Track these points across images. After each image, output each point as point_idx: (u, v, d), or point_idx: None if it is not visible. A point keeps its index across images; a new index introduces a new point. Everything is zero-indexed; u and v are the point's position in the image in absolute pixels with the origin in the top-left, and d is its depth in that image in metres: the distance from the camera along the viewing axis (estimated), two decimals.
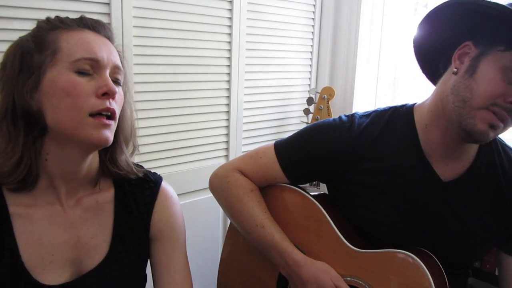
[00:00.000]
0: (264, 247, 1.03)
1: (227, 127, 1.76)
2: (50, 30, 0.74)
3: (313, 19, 2.02)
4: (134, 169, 0.86)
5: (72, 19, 0.77)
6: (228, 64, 1.69)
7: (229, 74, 1.70)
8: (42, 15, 1.18)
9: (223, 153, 1.78)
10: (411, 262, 0.90)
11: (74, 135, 0.71)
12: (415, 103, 1.03)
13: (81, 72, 0.71)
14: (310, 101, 1.95)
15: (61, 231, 0.77)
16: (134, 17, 1.37)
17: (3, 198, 0.74)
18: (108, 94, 0.72)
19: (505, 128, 0.86)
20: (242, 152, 1.84)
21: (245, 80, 1.77)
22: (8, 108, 0.71)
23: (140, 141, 0.90)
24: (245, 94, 1.78)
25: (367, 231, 1.02)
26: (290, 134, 2.01)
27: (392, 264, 0.92)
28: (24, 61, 0.71)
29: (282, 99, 1.97)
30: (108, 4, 1.31)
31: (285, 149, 1.08)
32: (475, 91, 0.85)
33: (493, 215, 0.96)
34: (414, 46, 1.01)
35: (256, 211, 1.05)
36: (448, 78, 0.93)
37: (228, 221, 1.85)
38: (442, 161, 0.96)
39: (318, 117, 1.91)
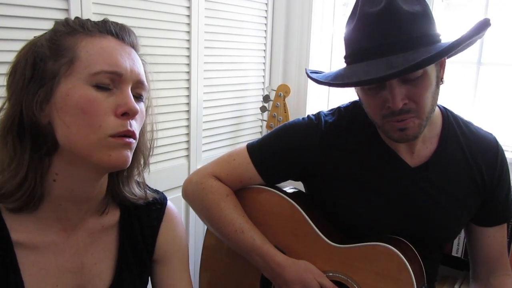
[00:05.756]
0: (245, 252, 1.03)
1: (188, 126, 1.72)
2: (67, 34, 0.65)
3: (265, 17, 2.04)
4: (146, 194, 0.80)
5: (94, 22, 0.68)
6: (187, 62, 1.66)
7: (188, 73, 1.67)
8: None
9: (184, 153, 1.74)
10: (389, 252, 0.94)
11: (89, 157, 0.63)
12: None
13: (99, 87, 0.63)
14: (266, 98, 1.97)
15: (65, 259, 0.71)
16: (94, 13, 1.30)
17: (4, 224, 0.66)
18: (129, 114, 0.65)
19: (413, 119, 0.89)
20: (203, 151, 1.82)
21: (204, 79, 1.75)
22: (15, 120, 0.63)
23: None
24: (204, 93, 1.76)
25: (345, 224, 1.05)
26: (248, 132, 2.04)
27: (371, 256, 0.96)
28: (36, 68, 0.63)
29: (239, 97, 1.97)
30: None
31: (258, 149, 1.09)
32: (370, 115, 0.96)
33: (465, 191, 1.02)
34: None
35: (234, 216, 1.04)
36: None
37: (191, 225, 1.83)
38: (406, 148, 1.01)
39: (275, 114, 1.94)
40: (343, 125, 1.05)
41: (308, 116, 1.10)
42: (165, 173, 1.66)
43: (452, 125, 1.03)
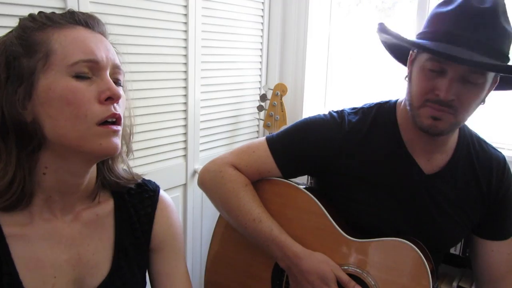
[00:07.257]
0: (261, 241, 1.04)
1: (185, 126, 1.72)
2: (37, 29, 0.65)
3: (262, 16, 2.04)
4: (133, 176, 0.81)
5: (61, 14, 0.68)
6: (184, 62, 1.65)
7: (185, 72, 1.67)
8: None
9: (182, 152, 1.74)
10: (406, 248, 0.95)
11: (80, 147, 0.64)
12: (397, 100, 1.10)
13: (79, 76, 0.64)
14: (263, 97, 1.97)
15: (61, 250, 0.71)
16: (91, 12, 1.28)
17: None
18: (112, 99, 0.66)
19: (450, 115, 0.92)
20: (200, 151, 1.81)
21: (201, 78, 1.74)
22: None
23: None
24: (201, 92, 1.76)
25: (355, 222, 1.07)
26: (245, 131, 2.04)
27: (388, 251, 0.97)
28: (11, 68, 0.63)
29: (236, 97, 1.97)
30: None
31: (278, 143, 1.10)
32: (411, 94, 0.96)
33: (469, 203, 1.05)
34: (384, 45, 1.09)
35: (253, 205, 1.05)
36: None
37: (188, 222, 1.83)
38: (423, 155, 1.04)
39: (273, 113, 1.94)
40: (366, 125, 1.07)
41: (330, 113, 1.11)
42: (162, 173, 1.66)
43: (467, 139, 1.07)
